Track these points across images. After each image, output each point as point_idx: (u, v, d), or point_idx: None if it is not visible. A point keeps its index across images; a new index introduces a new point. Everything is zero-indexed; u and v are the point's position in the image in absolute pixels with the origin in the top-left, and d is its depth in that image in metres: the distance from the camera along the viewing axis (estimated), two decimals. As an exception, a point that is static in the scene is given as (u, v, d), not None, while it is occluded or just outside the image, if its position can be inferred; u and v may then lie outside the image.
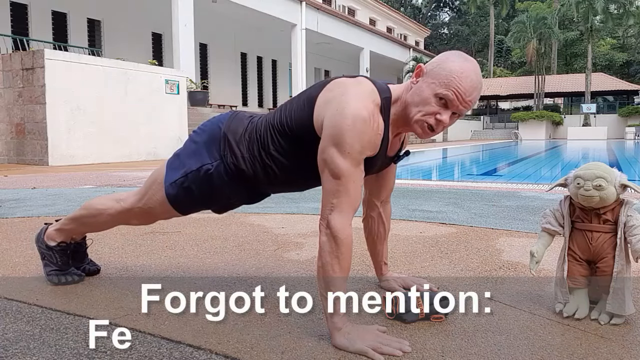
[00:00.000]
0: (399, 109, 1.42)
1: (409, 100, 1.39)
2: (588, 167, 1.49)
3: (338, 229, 1.32)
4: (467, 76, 1.33)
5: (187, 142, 1.63)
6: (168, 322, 1.47)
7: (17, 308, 1.60)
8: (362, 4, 30.92)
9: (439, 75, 1.34)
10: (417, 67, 1.40)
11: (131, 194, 1.72)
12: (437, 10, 59.64)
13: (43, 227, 1.90)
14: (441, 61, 1.36)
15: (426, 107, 1.36)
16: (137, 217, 1.72)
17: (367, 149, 1.35)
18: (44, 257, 1.85)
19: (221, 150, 1.52)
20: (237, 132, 1.53)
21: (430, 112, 1.36)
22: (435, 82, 1.34)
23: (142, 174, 6.74)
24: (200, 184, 1.54)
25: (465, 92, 1.33)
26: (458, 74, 1.32)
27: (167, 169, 1.61)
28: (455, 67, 1.33)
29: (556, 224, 1.58)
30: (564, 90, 38.09)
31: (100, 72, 9.57)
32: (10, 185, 5.43)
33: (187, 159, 1.57)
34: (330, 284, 1.32)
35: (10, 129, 9.37)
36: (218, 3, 15.76)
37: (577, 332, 1.41)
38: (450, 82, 1.32)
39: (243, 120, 1.56)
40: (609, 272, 1.47)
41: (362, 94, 1.35)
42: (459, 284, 1.84)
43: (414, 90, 1.39)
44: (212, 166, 1.52)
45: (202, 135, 1.59)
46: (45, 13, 14.03)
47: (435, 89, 1.34)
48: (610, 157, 12.34)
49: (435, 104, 1.35)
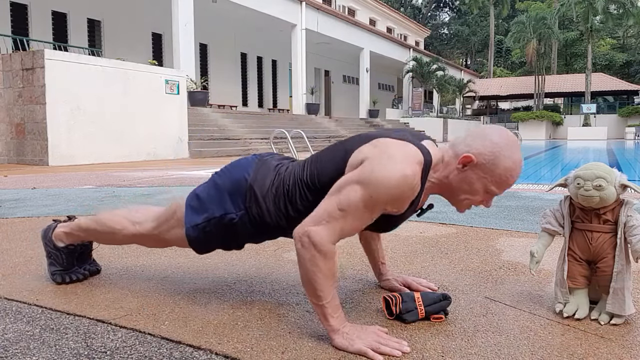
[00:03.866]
0: (436, 179, 1.40)
1: (455, 185, 1.39)
2: (588, 167, 1.49)
3: (318, 240, 1.27)
4: (518, 171, 1.35)
5: (209, 185, 1.57)
6: (168, 322, 1.47)
7: (17, 308, 1.60)
8: (362, 4, 30.93)
9: (492, 172, 1.33)
10: (466, 156, 1.33)
11: (147, 219, 1.68)
12: (437, 11, 59.66)
13: (52, 224, 1.88)
14: (494, 155, 1.32)
15: (474, 196, 1.39)
16: (150, 242, 1.71)
17: (394, 208, 1.32)
18: (50, 256, 1.84)
19: (246, 202, 1.49)
20: (264, 185, 1.49)
21: (477, 201, 1.40)
22: (488, 178, 1.34)
23: (142, 174, 6.74)
24: (223, 230, 1.53)
25: (513, 183, 1.37)
26: (512, 172, 1.33)
27: (187, 207, 1.57)
28: (509, 164, 1.33)
29: (556, 224, 1.58)
30: (564, 91, 38.11)
31: (100, 72, 9.57)
32: (10, 185, 5.44)
33: (210, 204, 1.53)
34: (317, 290, 1.30)
35: (10, 129, 9.37)
36: (218, 3, 15.77)
37: (577, 332, 1.41)
38: (505, 182, 1.34)
39: (270, 171, 1.51)
40: (609, 272, 1.47)
41: (410, 155, 1.31)
42: (459, 284, 1.84)
43: (462, 179, 1.37)
44: (237, 216, 1.50)
45: (226, 181, 1.54)
46: (45, 13, 14.03)
47: (488, 186, 1.35)
48: (610, 157, 12.34)
49: (483, 194, 1.38)
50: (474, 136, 1.37)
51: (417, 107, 28.32)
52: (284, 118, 17.34)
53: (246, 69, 21.51)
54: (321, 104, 24.86)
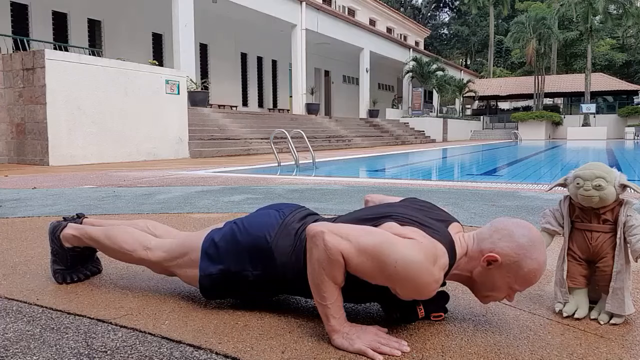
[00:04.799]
0: (458, 271, 1.42)
1: (478, 280, 1.40)
2: (588, 167, 1.49)
3: (331, 245, 1.28)
4: (542, 271, 1.36)
5: (229, 236, 1.56)
6: (168, 322, 1.47)
7: (18, 308, 1.60)
8: (362, 4, 30.93)
9: (516, 273, 1.34)
10: (490, 256, 1.34)
11: (159, 247, 1.68)
12: (437, 11, 59.67)
13: (61, 223, 1.87)
14: (519, 257, 1.33)
15: (498, 294, 1.40)
16: (158, 270, 1.71)
17: (402, 293, 1.31)
18: (55, 254, 1.84)
19: (264, 264, 1.49)
20: (285, 250, 1.48)
21: (500, 297, 1.41)
22: (512, 278, 1.35)
23: (142, 174, 6.75)
24: (237, 285, 1.54)
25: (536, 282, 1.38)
26: (535, 272, 1.34)
27: (203, 252, 1.57)
28: (534, 266, 1.33)
29: (556, 224, 1.58)
30: (563, 91, 38.10)
31: (100, 72, 9.57)
32: (11, 185, 5.44)
33: (227, 257, 1.53)
34: (321, 291, 1.31)
35: (10, 129, 9.38)
36: (218, 3, 15.77)
37: (576, 331, 1.41)
38: (528, 282, 1.35)
39: (291, 235, 1.50)
40: (608, 272, 1.47)
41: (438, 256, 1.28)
42: (459, 284, 1.84)
43: (486, 276, 1.38)
44: (253, 275, 1.50)
45: (246, 238, 1.53)
46: (45, 13, 14.04)
47: (512, 284, 1.36)
48: (610, 157, 12.35)
49: (506, 291, 1.38)
50: (500, 234, 1.36)
51: (417, 107, 28.33)
52: (284, 118, 17.33)
53: (246, 69, 21.51)
54: (321, 104, 24.86)
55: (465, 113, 38.85)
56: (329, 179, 6.22)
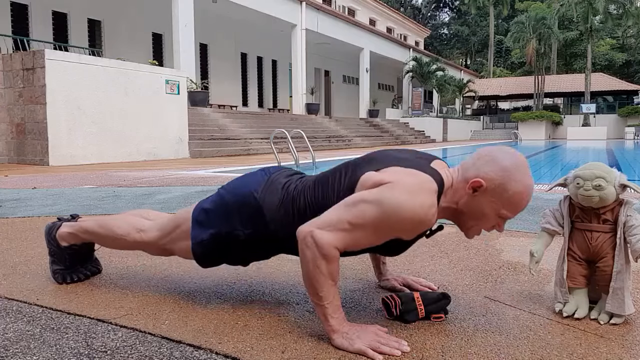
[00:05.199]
0: (446, 203, 1.39)
1: (465, 210, 1.37)
2: (587, 167, 1.49)
3: (323, 242, 1.27)
4: (529, 194, 1.34)
5: (216, 199, 1.56)
6: (168, 322, 1.47)
7: (18, 308, 1.60)
8: (362, 4, 30.93)
9: (503, 196, 1.32)
10: (475, 181, 1.32)
11: (152, 227, 1.68)
12: (437, 11, 59.66)
13: (56, 222, 1.88)
14: (504, 179, 1.31)
15: (485, 222, 1.37)
16: (154, 250, 1.71)
17: (405, 235, 1.32)
18: (53, 255, 1.84)
19: (255, 221, 1.48)
20: (272, 204, 1.47)
21: (488, 226, 1.39)
22: (498, 203, 1.33)
23: (142, 174, 6.75)
24: (229, 247, 1.53)
25: (525, 206, 1.35)
26: (523, 195, 1.32)
27: (194, 221, 1.56)
28: (520, 188, 1.31)
29: (556, 224, 1.58)
30: (563, 90, 38.10)
31: (100, 72, 9.57)
32: (11, 185, 5.44)
33: (217, 220, 1.52)
34: (318, 290, 1.30)
35: (10, 129, 9.37)
36: (218, 3, 15.77)
37: (576, 331, 1.41)
38: (516, 206, 1.33)
39: (278, 190, 1.50)
40: (608, 272, 1.47)
41: (424, 183, 1.29)
42: (459, 284, 1.84)
43: (473, 204, 1.36)
44: (244, 234, 1.50)
45: (233, 197, 1.53)
46: (45, 13, 14.04)
47: (499, 210, 1.34)
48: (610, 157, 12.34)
49: (494, 219, 1.36)
50: (483, 160, 1.35)
51: (417, 107, 28.33)
52: (284, 118, 17.33)
53: (246, 69, 21.51)
54: (321, 104, 24.85)
55: (465, 113, 38.84)
56: (329, 179, 6.21)
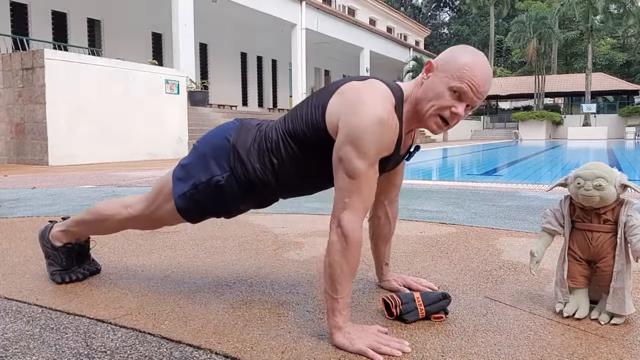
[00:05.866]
0: (410, 107, 1.41)
1: (421, 96, 1.38)
2: (588, 167, 1.49)
3: (349, 229, 1.30)
4: (480, 67, 1.34)
5: (192, 153, 1.59)
6: (168, 322, 1.47)
7: (17, 308, 1.60)
8: (362, 4, 30.91)
9: (451, 69, 1.33)
10: (427, 62, 1.38)
11: (139, 200, 1.70)
12: (437, 10, 59.65)
13: (48, 225, 1.89)
14: (452, 55, 1.36)
15: (440, 101, 1.35)
16: (144, 223, 1.72)
17: (384, 150, 1.34)
18: (49, 257, 1.85)
19: (231, 162, 1.49)
20: (246, 143, 1.49)
21: (445, 106, 1.35)
22: (448, 75, 1.33)
23: (142, 174, 6.74)
24: (211, 195, 1.53)
25: (479, 83, 1.33)
26: (470, 65, 1.32)
27: (174, 179, 1.58)
28: (467, 59, 1.33)
29: (556, 224, 1.58)
30: (564, 90, 38.08)
31: (100, 72, 9.56)
32: (10, 185, 5.43)
33: (195, 171, 1.54)
34: (336, 282, 1.31)
35: (10, 129, 9.37)
36: (218, 3, 15.76)
37: (577, 332, 1.41)
38: (464, 75, 1.32)
39: (251, 130, 1.53)
40: (609, 272, 1.47)
41: (378, 95, 1.33)
42: (459, 284, 1.84)
43: (426, 86, 1.38)
44: (223, 178, 1.50)
45: (208, 146, 1.55)
46: (45, 13, 14.03)
47: (449, 83, 1.33)
48: (610, 157, 12.34)
49: (449, 97, 1.34)
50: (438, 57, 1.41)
51: (417, 106, 28.30)
52: (284, 118, 17.31)
53: (246, 68, 21.50)
54: (321, 104, 24.80)
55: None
56: (329, 179, 6.20)
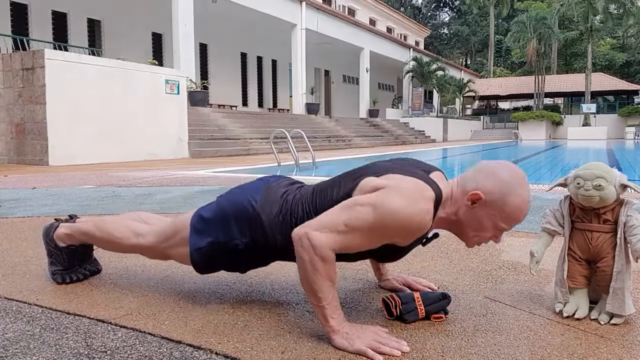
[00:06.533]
0: (445, 214, 1.40)
1: (464, 221, 1.39)
2: (588, 167, 1.49)
3: (317, 243, 1.27)
4: (526, 207, 1.36)
5: (214, 207, 1.56)
6: (168, 322, 1.47)
7: (17, 308, 1.60)
8: (362, 4, 30.92)
9: (502, 210, 1.34)
10: (474, 194, 1.34)
11: (151, 232, 1.68)
12: (437, 10, 59.65)
13: (53, 223, 1.88)
14: (503, 193, 1.33)
15: (484, 233, 1.40)
16: (152, 255, 1.72)
17: (400, 239, 1.33)
18: (51, 256, 1.84)
19: (253, 230, 1.48)
20: (271, 214, 1.47)
21: (487, 237, 1.41)
22: (497, 215, 1.35)
23: (142, 174, 6.74)
24: (227, 255, 1.53)
25: (522, 220, 1.37)
26: (521, 209, 1.34)
27: (192, 228, 1.56)
28: (518, 202, 1.33)
29: (556, 224, 1.58)
30: (564, 90, 38.08)
31: (100, 72, 9.56)
32: (10, 185, 5.43)
33: (215, 228, 1.52)
34: (316, 292, 1.30)
35: (10, 129, 9.37)
36: (218, 3, 15.77)
37: (577, 332, 1.41)
38: (514, 219, 1.35)
39: (277, 199, 1.50)
40: (608, 272, 1.47)
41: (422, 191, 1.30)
42: (459, 284, 1.84)
43: (472, 216, 1.37)
44: (242, 243, 1.50)
45: (232, 206, 1.53)
46: (45, 13, 14.03)
47: (498, 223, 1.36)
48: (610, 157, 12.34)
49: (492, 230, 1.38)
50: (483, 173, 1.37)
51: (417, 107, 28.32)
52: (284, 118, 17.33)
53: (246, 69, 21.50)
54: (321, 104, 24.84)
55: (466, 113, 38.82)
56: (329, 179, 6.21)
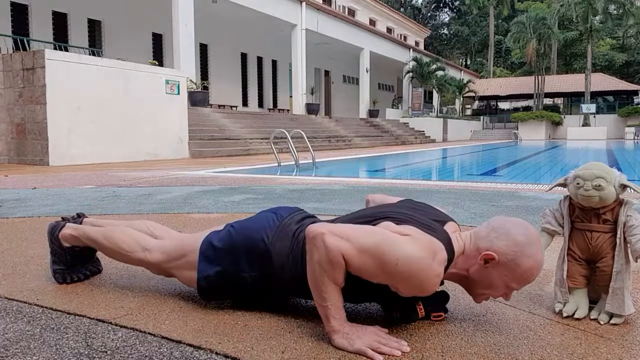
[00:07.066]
0: (456, 270, 1.41)
1: (475, 279, 1.40)
2: (587, 167, 1.49)
3: (331, 248, 1.27)
4: (539, 269, 1.36)
5: (225, 237, 1.56)
6: (168, 322, 1.47)
7: (18, 308, 1.60)
8: (362, 4, 30.92)
9: (514, 271, 1.34)
10: (488, 254, 1.34)
11: (159, 249, 1.68)
12: (437, 11, 59.64)
13: (60, 223, 1.88)
14: (516, 255, 1.33)
15: (494, 291, 1.40)
16: (157, 271, 1.72)
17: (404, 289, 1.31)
18: (54, 254, 1.85)
19: (262, 266, 1.49)
20: (282, 252, 1.48)
21: (496, 295, 1.41)
22: (510, 275, 1.35)
23: (142, 174, 6.74)
24: (234, 286, 1.54)
25: (533, 280, 1.38)
26: (532, 270, 1.34)
27: (201, 255, 1.57)
28: (531, 263, 1.33)
29: (556, 224, 1.58)
30: (563, 91, 38.08)
31: (100, 72, 9.56)
32: (11, 185, 5.44)
33: (224, 258, 1.53)
34: (322, 292, 1.31)
35: (10, 129, 9.37)
36: (218, 3, 15.77)
37: (576, 331, 1.41)
38: (526, 280, 1.35)
39: (288, 237, 1.50)
40: (608, 272, 1.47)
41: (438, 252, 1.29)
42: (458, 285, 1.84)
43: (483, 274, 1.38)
44: (250, 277, 1.51)
45: (243, 239, 1.53)
46: (45, 13, 14.03)
47: (509, 283, 1.36)
48: (610, 157, 12.34)
49: (503, 289, 1.38)
50: (497, 233, 1.37)
51: (417, 107, 28.32)
52: (284, 118, 17.33)
53: (246, 69, 21.50)
54: (321, 104, 24.84)
55: (465, 113, 38.82)
56: (329, 179, 6.22)
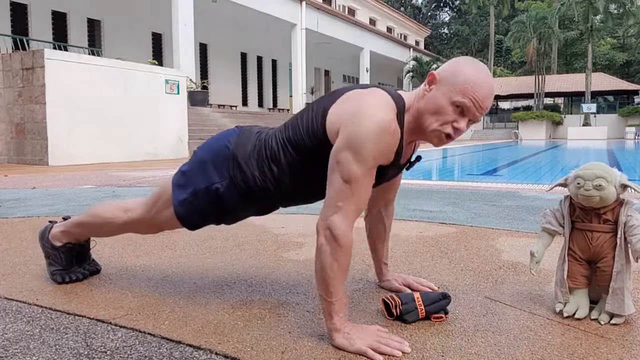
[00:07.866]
0: (412, 118, 1.40)
1: (423, 108, 1.36)
2: (588, 167, 1.49)
3: (340, 233, 1.29)
4: (483, 82, 1.33)
5: (192, 159, 1.59)
6: (168, 322, 1.47)
7: (17, 308, 1.60)
8: (362, 4, 30.91)
9: (454, 83, 1.32)
10: (429, 75, 1.36)
11: (139, 205, 1.70)
12: (437, 10, 59.64)
13: (47, 225, 1.90)
14: (455, 68, 1.34)
15: (443, 116, 1.34)
16: (143, 228, 1.73)
17: (383, 157, 1.33)
18: (49, 257, 1.85)
19: (230, 170, 1.50)
20: (246, 150, 1.49)
21: (447, 121, 1.34)
22: (451, 89, 1.32)
23: (142, 174, 6.74)
24: (210, 202, 1.53)
25: (482, 98, 1.32)
26: (474, 80, 1.31)
27: (174, 186, 1.58)
28: (471, 74, 1.32)
29: (556, 224, 1.58)
30: (564, 90, 38.06)
31: (100, 72, 9.56)
32: (10, 185, 5.43)
33: (195, 177, 1.54)
34: (329, 286, 1.31)
35: (10, 129, 9.37)
36: (218, 3, 15.77)
37: (577, 332, 1.41)
38: (467, 90, 1.31)
39: (250, 138, 1.52)
40: (609, 272, 1.47)
41: (379, 103, 1.33)
42: (459, 284, 1.84)
43: (428, 99, 1.36)
44: (222, 185, 1.50)
45: (207, 152, 1.55)
46: (45, 13, 14.03)
47: (452, 97, 1.32)
48: (610, 157, 12.34)
49: (452, 112, 1.33)
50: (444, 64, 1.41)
51: (417, 106, 28.30)
52: (284, 118, 17.33)
53: (246, 68, 21.50)
54: (321, 104, 24.80)
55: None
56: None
